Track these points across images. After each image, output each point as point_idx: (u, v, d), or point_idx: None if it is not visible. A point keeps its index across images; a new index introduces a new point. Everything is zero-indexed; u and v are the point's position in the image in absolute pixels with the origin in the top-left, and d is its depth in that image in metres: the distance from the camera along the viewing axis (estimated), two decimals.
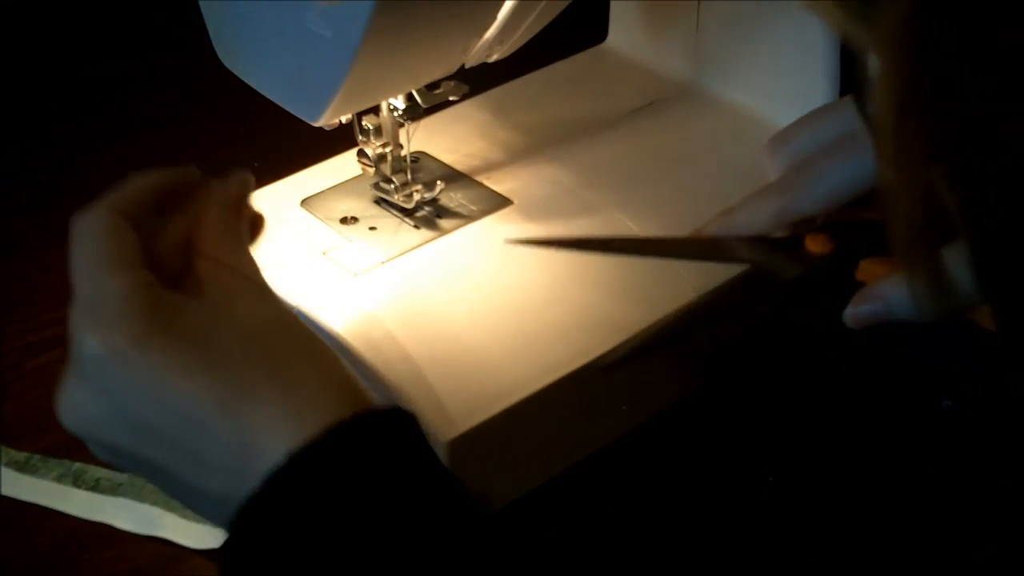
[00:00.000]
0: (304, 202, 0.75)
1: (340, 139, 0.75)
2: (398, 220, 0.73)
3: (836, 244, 0.65)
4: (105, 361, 0.47)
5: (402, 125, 0.72)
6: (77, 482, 0.71)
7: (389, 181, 0.73)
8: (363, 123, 0.72)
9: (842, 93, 0.78)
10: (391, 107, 0.72)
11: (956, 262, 0.41)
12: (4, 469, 0.72)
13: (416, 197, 0.73)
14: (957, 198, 0.39)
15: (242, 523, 0.46)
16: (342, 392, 0.47)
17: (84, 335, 0.47)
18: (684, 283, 0.70)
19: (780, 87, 0.79)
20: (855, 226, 0.64)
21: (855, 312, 0.60)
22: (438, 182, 0.74)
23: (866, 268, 0.63)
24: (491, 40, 0.67)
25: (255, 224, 0.57)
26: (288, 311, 0.50)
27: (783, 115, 0.77)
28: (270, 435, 0.45)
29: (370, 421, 0.46)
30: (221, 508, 0.47)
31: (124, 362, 0.46)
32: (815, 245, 0.65)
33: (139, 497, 0.70)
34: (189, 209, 0.53)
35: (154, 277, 0.49)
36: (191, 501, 0.50)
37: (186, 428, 0.46)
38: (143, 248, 0.50)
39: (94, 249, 0.50)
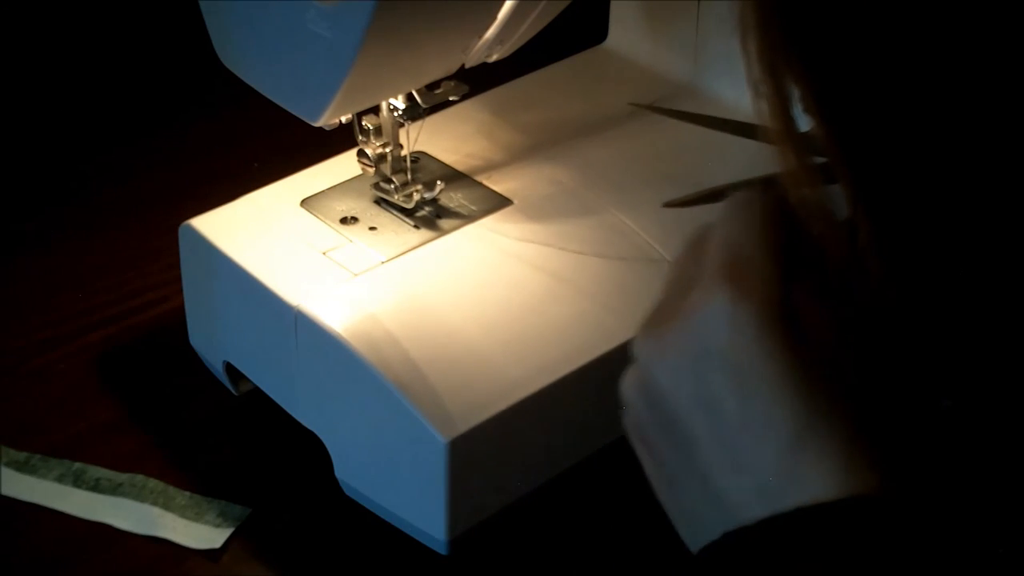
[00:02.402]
0: (304, 202, 0.75)
1: (340, 139, 0.75)
2: (398, 220, 0.73)
3: None
4: (726, 324, 0.46)
5: (402, 125, 0.72)
6: (77, 482, 0.71)
7: (389, 181, 0.73)
8: (363, 123, 0.72)
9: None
10: (391, 107, 0.72)
11: None
12: (4, 469, 0.72)
13: (416, 197, 0.73)
14: (812, 100, 0.43)
15: (739, 538, 0.45)
16: (874, 462, 0.45)
17: (724, 289, 0.46)
18: None
19: None
20: None
21: None
22: (438, 182, 0.74)
23: None
24: (491, 40, 0.67)
25: None
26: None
27: None
28: (814, 483, 0.44)
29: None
30: (713, 507, 0.46)
31: (741, 335, 0.46)
32: None
33: (139, 497, 0.70)
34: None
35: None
36: (684, 481, 0.48)
37: (741, 427, 0.45)
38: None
39: (759, 225, 0.49)
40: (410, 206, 0.73)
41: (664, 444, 0.49)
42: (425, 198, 0.74)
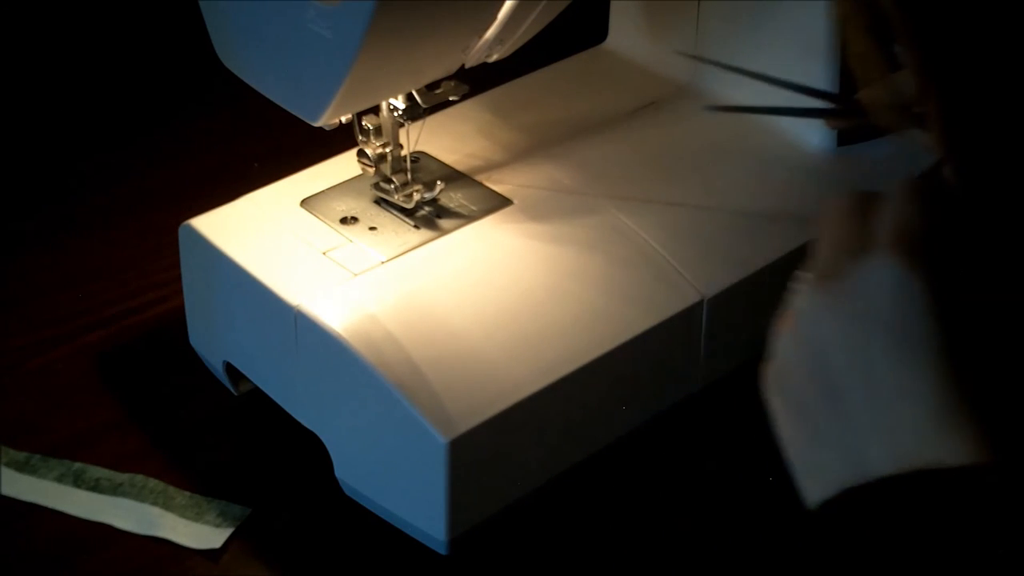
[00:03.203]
0: (304, 202, 0.75)
1: (340, 139, 0.75)
2: (398, 220, 0.73)
3: None
4: (899, 292, 0.48)
5: (402, 125, 0.72)
6: (77, 482, 0.71)
7: (389, 181, 0.73)
8: (363, 123, 0.72)
9: (842, 93, 0.78)
10: (391, 107, 0.72)
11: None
12: (4, 469, 0.72)
13: (416, 197, 0.73)
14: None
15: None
16: None
17: (899, 260, 0.48)
18: (684, 284, 0.70)
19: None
20: None
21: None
22: (438, 182, 0.74)
23: None
24: (491, 40, 0.67)
25: None
26: None
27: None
28: (949, 452, 0.46)
29: None
30: (846, 462, 0.48)
31: (911, 306, 0.48)
32: None
33: (139, 497, 0.70)
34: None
35: None
36: (824, 434, 0.50)
37: (891, 390, 0.48)
38: None
39: (928, 212, 0.50)
40: (410, 206, 0.73)
41: (813, 394, 0.50)
42: (425, 198, 0.74)
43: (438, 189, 0.74)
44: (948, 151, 0.47)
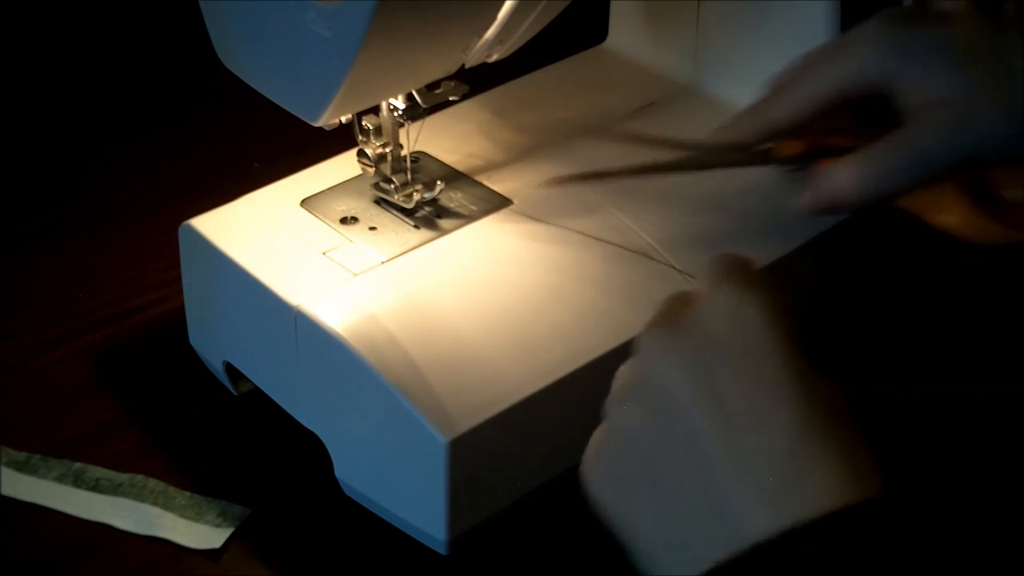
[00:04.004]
0: (304, 202, 0.75)
1: (340, 139, 0.75)
2: (398, 220, 0.73)
3: (804, 151, 0.70)
4: (734, 314, 0.48)
5: (402, 125, 0.72)
6: (77, 482, 0.71)
7: (389, 181, 0.73)
8: (363, 123, 0.72)
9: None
10: (391, 107, 0.72)
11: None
12: (4, 469, 0.72)
13: (416, 197, 0.73)
14: None
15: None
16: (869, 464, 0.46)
17: (731, 284, 0.49)
18: (684, 284, 0.70)
19: None
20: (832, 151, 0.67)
21: (805, 195, 0.65)
22: (438, 182, 0.74)
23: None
24: (491, 40, 0.67)
25: None
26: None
27: None
28: (817, 482, 0.45)
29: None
30: (716, 515, 0.46)
31: (748, 324, 0.48)
32: (784, 150, 0.70)
33: (139, 497, 0.70)
34: None
35: None
36: (680, 488, 0.48)
37: (745, 419, 0.46)
38: None
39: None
40: (410, 206, 0.73)
41: (661, 443, 0.48)
42: (425, 198, 0.74)
43: (438, 189, 0.74)
44: None
